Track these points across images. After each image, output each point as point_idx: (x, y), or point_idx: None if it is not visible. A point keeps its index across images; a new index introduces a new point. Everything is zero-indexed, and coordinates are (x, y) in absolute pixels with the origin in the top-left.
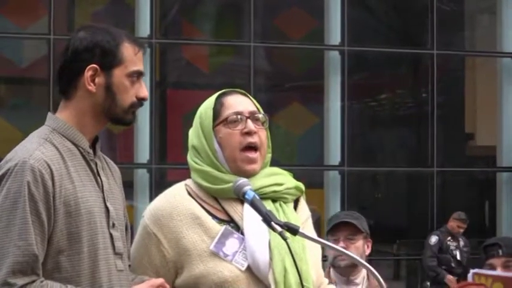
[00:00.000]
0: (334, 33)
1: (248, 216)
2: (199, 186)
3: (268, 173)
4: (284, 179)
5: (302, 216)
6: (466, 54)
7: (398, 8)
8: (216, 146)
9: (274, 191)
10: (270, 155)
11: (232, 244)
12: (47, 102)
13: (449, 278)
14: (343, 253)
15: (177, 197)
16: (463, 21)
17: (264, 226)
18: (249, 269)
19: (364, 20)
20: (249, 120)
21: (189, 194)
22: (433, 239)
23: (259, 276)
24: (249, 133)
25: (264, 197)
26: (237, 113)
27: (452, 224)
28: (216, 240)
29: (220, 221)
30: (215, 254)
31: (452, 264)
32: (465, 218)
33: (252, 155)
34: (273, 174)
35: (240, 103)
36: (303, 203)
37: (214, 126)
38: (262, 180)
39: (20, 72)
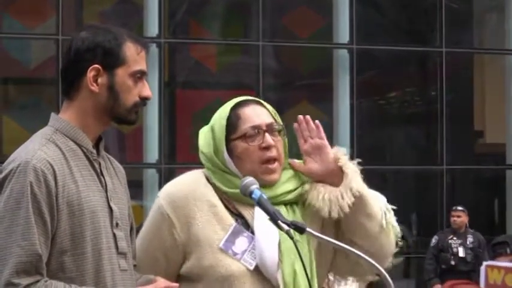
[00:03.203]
0: (343, 31)
1: (259, 216)
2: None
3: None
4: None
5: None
6: (475, 52)
7: (407, 6)
8: (227, 157)
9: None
10: (287, 160)
11: (241, 242)
12: (55, 103)
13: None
14: (349, 251)
15: (195, 182)
16: (472, 19)
17: (274, 227)
18: (257, 268)
19: (372, 18)
20: (266, 134)
21: (208, 180)
22: (433, 240)
23: (267, 276)
24: (268, 148)
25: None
26: (255, 127)
27: (451, 219)
28: (225, 237)
29: (233, 214)
30: (224, 251)
31: (452, 262)
32: (461, 208)
33: (272, 165)
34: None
35: (256, 115)
36: None
37: (231, 140)
38: (282, 187)
39: (28, 72)
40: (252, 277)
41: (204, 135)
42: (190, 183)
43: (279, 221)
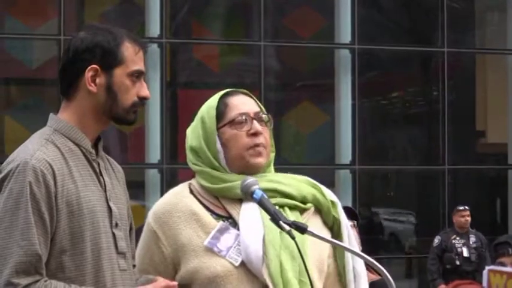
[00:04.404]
0: (345, 31)
1: (244, 212)
2: (202, 185)
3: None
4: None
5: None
6: (477, 52)
7: (409, 6)
8: (219, 146)
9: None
10: (273, 154)
11: (227, 239)
12: (57, 103)
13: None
14: (352, 252)
15: (178, 195)
16: (474, 19)
17: (259, 221)
18: (243, 264)
19: (374, 18)
20: (254, 121)
21: (191, 192)
22: (436, 240)
23: (253, 271)
24: (256, 134)
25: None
26: (243, 114)
27: (456, 219)
28: (211, 235)
29: (219, 217)
30: (209, 249)
31: (457, 262)
32: (468, 208)
33: (259, 149)
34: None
35: (244, 104)
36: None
37: (218, 128)
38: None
39: (30, 73)
40: (238, 274)
41: (192, 130)
42: (173, 198)
43: (281, 222)
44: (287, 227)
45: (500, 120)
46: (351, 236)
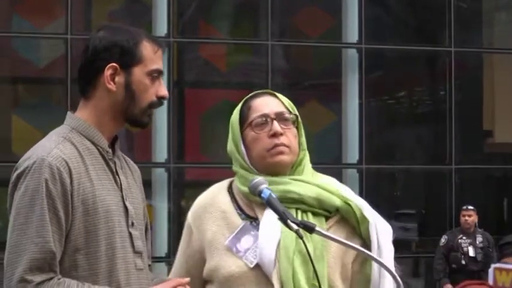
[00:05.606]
0: (352, 31)
1: (266, 215)
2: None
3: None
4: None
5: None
6: (484, 52)
7: (416, 6)
8: (243, 148)
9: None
10: (304, 152)
11: (247, 241)
12: (64, 102)
13: (447, 287)
14: (362, 252)
15: (216, 191)
16: (481, 18)
17: (278, 225)
18: (258, 266)
19: (381, 18)
20: (275, 122)
21: (230, 188)
22: (442, 240)
23: (266, 274)
24: (275, 135)
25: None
26: (262, 116)
27: (460, 218)
28: (233, 235)
29: (247, 217)
30: (229, 249)
31: (463, 262)
32: (472, 208)
33: (280, 148)
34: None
35: (266, 105)
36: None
37: (242, 131)
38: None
39: (37, 72)
40: (253, 276)
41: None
42: (211, 193)
43: (288, 221)
44: (295, 227)
45: (508, 120)
46: (382, 254)
